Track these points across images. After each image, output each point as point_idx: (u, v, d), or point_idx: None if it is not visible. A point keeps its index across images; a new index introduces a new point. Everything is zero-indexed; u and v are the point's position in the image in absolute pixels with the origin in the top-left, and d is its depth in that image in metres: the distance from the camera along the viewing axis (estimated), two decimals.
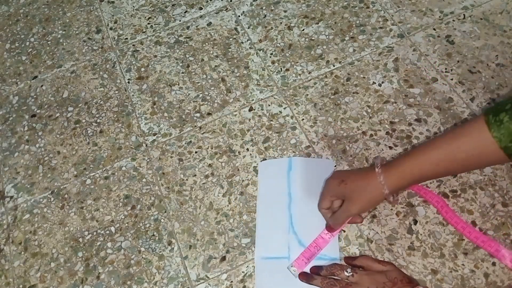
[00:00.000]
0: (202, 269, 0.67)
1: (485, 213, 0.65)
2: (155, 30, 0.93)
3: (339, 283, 0.58)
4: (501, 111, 0.52)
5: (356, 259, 0.61)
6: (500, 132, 0.52)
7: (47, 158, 0.81)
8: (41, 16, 1.01)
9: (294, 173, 0.71)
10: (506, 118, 0.51)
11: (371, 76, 0.80)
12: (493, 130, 0.52)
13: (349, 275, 0.57)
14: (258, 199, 0.70)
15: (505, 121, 0.51)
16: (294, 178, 0.71)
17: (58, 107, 0.86)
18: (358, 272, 0.58)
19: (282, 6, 0.92)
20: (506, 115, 0.52)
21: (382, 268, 0.58)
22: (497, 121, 0.52)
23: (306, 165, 0.72)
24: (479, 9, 0.85)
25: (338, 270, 0.59)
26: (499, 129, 0.52)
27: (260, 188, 0.71)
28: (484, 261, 0.62)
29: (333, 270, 0.59)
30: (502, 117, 0.52)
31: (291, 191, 0.70)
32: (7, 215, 0.76)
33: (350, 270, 0.58)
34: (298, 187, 0.70)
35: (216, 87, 0.84)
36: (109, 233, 0.72)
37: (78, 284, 0.68)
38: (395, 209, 0.67)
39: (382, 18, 0.87)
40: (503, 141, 0.52)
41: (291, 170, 0.71)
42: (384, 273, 0.57)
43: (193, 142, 0.78)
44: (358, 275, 0.57)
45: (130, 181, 0.76)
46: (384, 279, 0.56)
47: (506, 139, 0.52)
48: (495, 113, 0.53)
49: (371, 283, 0.56)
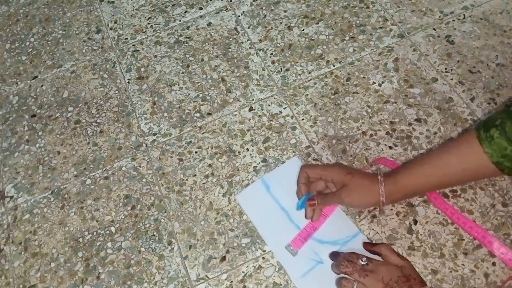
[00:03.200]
0: (202, 269, 0.67)
1: (485, 213, 0.65)
2: (155, 30, 0.93)
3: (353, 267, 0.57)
4: (492, 127, 0.54)
5: (376, 245, 0.60)
6: (492, 148, 0.53)
7: (47, 158, 0.81)
8: (41, 16, 1.01)
9: (274, 189, 0.70)
10: (497, 133, 0.53)
11: (371, 76, 0.80)
12: (485, 146, 0.54)
13: (364, 264, 0.57)
14: (258, 230, 0.68)
15: (496, 136, 0.53)
16: (277, 193, 0.70)
17: (58, 107, 0.86)
18: (373, 261, 0.57)
19: (282, 6, 0.92)
20: (496, 131, 0.53)
21: (399, 262, 0.57)
22: (488, 137, 0.54)
23: (279, 175, 0.71)
24: (479, 9, 0.85)
25: (354, 259, 0.58)
26: (490, 145, 0.54)
27: (253, 219, 0.69)
28: (484, 261, 0.62)
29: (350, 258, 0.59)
30: (492, 132, 0.53)
31: (283, 205, 0.69)
32: (7, 215, 0.76)
33: (365, 259, 0.57)
34: (286, 198, 0.69)
35: (216, 87, 0.84)
36: (109, 233, 0.72)
37: (78, 284, 0.68)
38: (395, 209, 0.67)
39: (382, 18, 0.87)
40: (494, 157, 0.54)
41: (270, 188, 0.70)
42: (400, 267, 0.56)
43: (193, 142, 0.78)
44: (373, 264, 0.57)
45: (130, 181, 0.76)
46: (399, 273, 0.55)
47: (497, 154, 0.53)
48: (486, 128, 0.54)
49: (385, 274, 0.55)
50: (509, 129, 0.52)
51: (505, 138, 0.52)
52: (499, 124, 0.53)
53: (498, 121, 0.53)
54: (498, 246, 0.61)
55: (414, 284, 0.53)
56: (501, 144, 0.53)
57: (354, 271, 0.56)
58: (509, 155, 0.53)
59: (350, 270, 0.56)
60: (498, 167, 0.54)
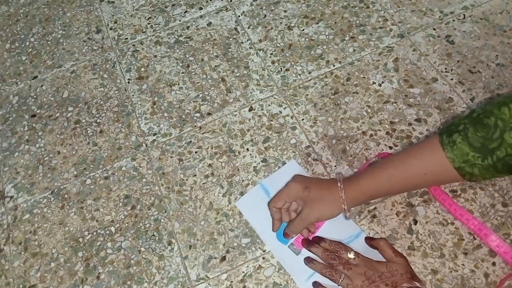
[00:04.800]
0: (202, 269, 0.67)
1: (485, 213, 0.65)
2: (155, 30, 0.93)
3: (339, 259, 0.59)
4: (454, 132, 0.54)
5: (375, 240, 0.62)
6: (454, 153, 0.54)
7: (47, 158, 0.81)
8: (41, 16, 1.01)
9: (273, 193, 0.70)
10: (459, 139, 0.53)
11: (371, 76, 0.80)
12: (447, 150, 0.54)
13: (351, 257, 0.58)
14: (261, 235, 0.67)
15: (458, 142, 0.53)
16: None
17: (58, 107, 0.86)
18: (360, 256, 0.59)
19: (282, 6, 0.92)
20: (459, 136, 0.53)
21: (391, 258, 0.58)
22: (450, 142, 0.54)
23: (278, 179, 0.71)
24: (479, 9, 0.85)
25: (342, 250, 0.60)
26: (452, 150, 0.54)
27: (254, 224, 0.68)
28: (484, 261, 0.62)
29: (337, 248, 0.60)
30: (455, 138, 0.53)
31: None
32: (7, 215, 0.76)
33: (353, 253, 0.59)
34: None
35: (216, 87, 0.84)
36: (109, 233, 0.72)
37: (78, 284, 0.68)
38: (395, 209, 0.67)
39: (382, 18, 0.87)
40: (456, 162, 0.54)
41: (269, 193, 0.70)
42: (386, 263, 0.57)
43: (193, 142, 0.78)
44: (359, 259, 0.58)
45: (130, 181, 0.76)
46: (384, 269, 0.56)
47: (459, 160, 0.53)
48: (449, 134, 0.54)
49: (369, 268, 0.57)
50: (472, 135, 0.52)
51: (467, 143, 0.52)
52: (462, 130, 0.53)
53: (461, 127, 0.54)
54: (494, 239, 0.61)
55: (400, 280, 0.55)
56: (463, 150, 0.53)
57: (339, 264, 0.58)
58: (471, 161, 0.53)
59: (336, 262, 0.58)
60: (460, 172, 0.54)
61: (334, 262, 0.59)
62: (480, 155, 0.52)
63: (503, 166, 0.52)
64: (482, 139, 0.52)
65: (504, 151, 0.51)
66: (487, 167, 0.52)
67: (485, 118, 0.52)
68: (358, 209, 0.68)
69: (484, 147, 0.52)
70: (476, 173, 0.54)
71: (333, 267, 0.59)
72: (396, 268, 0.56)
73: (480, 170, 0.53)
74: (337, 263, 0.58)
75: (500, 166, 0.52)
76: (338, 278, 0.57)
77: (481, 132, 0.52)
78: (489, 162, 0.52)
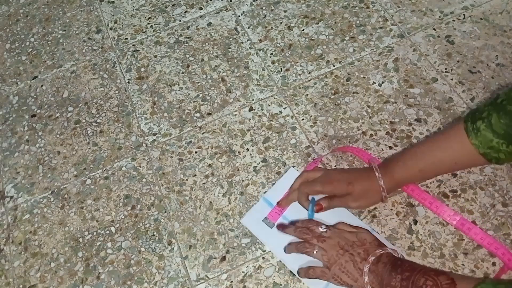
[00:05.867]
0: (202, 269, 0.67)
1: (485, 213, 0.65)
2: (155, 30, 0.93)
3: (312, 233, 0.61)
4: (478, 119, 0.55)
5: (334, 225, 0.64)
6: (478, 139, 0.55)
7: (47, 158, 0.81)
8: (41, 16, 1.01)
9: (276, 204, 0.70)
10: (483, 126, 0.55)
11: (371, 76, 0.80)
12: (472, 137, 0.56)
13: (323, 231, 0.61)
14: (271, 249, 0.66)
15: (482, 129, 0.55)
16: None
17: (58, 107, 0.86)
18: (331, 229, 0.61)
19: (282, 6, 0.92)
20: (482, 123, 0.55)
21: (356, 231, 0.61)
22: (475, 129, 0.56)
23: (279, 189, 0.70)
24: (479, 9, 0.85)
25: (313, 225, 0.62)
26: (477, 137, 0.55)
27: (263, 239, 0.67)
28: (484, 261, 0.62)
29: (309, 224, 0.63)
30: (479, 125, 0.55)
31: (288, 218, 0.68)
32: (7, 215, 0.76)
33: (324, 226, 0.62)
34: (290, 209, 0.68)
35: (216, 87, 0.84)
36: (109, 233, 0.72)
37: (78, 284, 0.68)
38: (395, 209, 0.67)
39: (382, 18, 0.87)
40: (481, 148, 0.56)
41: (273, 204, 0.69)
42: (355, 233, 0.60)
43: (193, 142, 0.78)
44: (331, 231, 0.61)
45: (130, 181, 0.76)
46: (354, 238, 0.59)
47: (484, 146, 0.55)
48: (473, 121, 0.56)
49: (341, 238, 0.59)
50: (495, 122, 0.54)
51: (491, 130, 0.54)
52: (485, 117, 0.55)
53: (485, 113, 0.55)
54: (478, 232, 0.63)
55: (370, 247, 0.58)
56: (487, 137, 0.54)
57: (313, 237, 0.60)
58: (495, 147, 0.54)
59: (310, 236, 0.61)
60: (486, 157, 0.56)
61: (308, 236, 0.61)
62: (504, 141, 0.54)
63: None
64: (505, 126, 0.53)
65: None
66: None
67: (509, 105, 0.53)
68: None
69: (507, 133, 0.53)
70: (502, 157, 0.55)
71: (307, 241, 0.61)
72: (364, 237, 0.59)
73: (506, 155, 0.55)
74: (310, 237, 0.61)
75: None
76: (312, 250, 0.60)
77: (504, 119, 0.53)
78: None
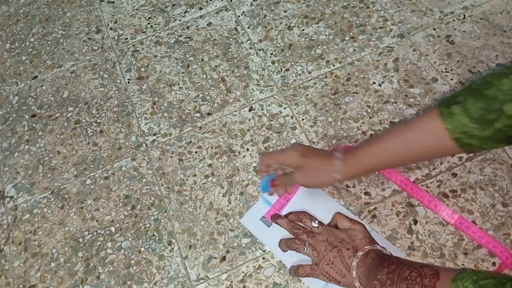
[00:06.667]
0: (202, 269, 0.67)
1: (485, 213, 0.65)
2: (155, 30, 0.93)
3: (304, 229, 0.62)
4: (454, 103, 0.54)
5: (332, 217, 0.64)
6: (452, 124, 0.53)
7: (47, 158, 0.81)
8: (41, 16, 1.01)
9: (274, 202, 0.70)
10: (458, 110, 0.53)
11: (371, 76, 0.80)
12: (445, 121, 0.54)
13: (314, 226, 0.62)
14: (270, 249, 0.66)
15: (457, 113, 0.53)
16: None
17: (58, 107, 0.86)
18: (323, 225, 0.62)
19: (282, 6, 0.92)
20: (458, 107, 0.53)
21: (350, 226, 0.61)
22: (449, 113, 0.54)
23: None
24: (479, 9, 0.85)
25: (306, 219, 0.63)
26: (451, 121, 0.53)
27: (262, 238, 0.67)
28: (484, 261, 0.62)
29: (301, 217, 0.63)
30: (453, 109, 0.53)
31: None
32: (7, 215, 0.76)
33: (317, 222, 0.62)
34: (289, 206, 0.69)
35: (216, 87, 0.84)
36: (109, 233, 0.72)
37: (78, 284, 0.68)
38: (395, 209, 0.67)
39: (382, 18, 0.87)
40: (454, 132, 0.53)
41: (271, 203, 0.69)
42: (346, 230, 0.60)
43: (193, 142, 0.78)
44: (322, 227, 0.62)
45: (130, 181, 0.76)
46: (344, 235, 0.59)
47: (457, 130, 0.53)
48: (448, 105, 0.54)
49: (330, 235, 0.60)
50: (471, 106, 0.52)
51: (466, 114, 0.52)
52: (461, 101, 0.53)
53: (460, 98, 0.53)
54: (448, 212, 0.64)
55: (360, 244, 0.58)
56: (461, 121, 0.53)
57: (303, 232, 0.61)
58: (469, 132, 0.53)
59: (301, 231, 0.61)
60: (457, 143, 0.54)
61: (299, 231, 0.62)
62: (479, 126, 0.52)
63: (501, 137, 0.52)
64: (481, 110, 0.51)
65: (503, 122, 0.51)
66: (485, 138, 0.52)
67: (484, 89, 0.52)
68: (358, 209, 0.68)
69: (482, 118, 0.51)
70: (475, 144, 0.54)
71: (298, 236, 0.61)
72: (355, 234, 0.59)
73: (478, 141, 0.53)
74: (301, 232, 0.62)
75: (499, 137, 0.52)
76: (303, 247, 0.60)
77: (480, 103, 0.52)
78: (487, 133, 0.52)
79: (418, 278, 0.49)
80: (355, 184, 0.70)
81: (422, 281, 0.48)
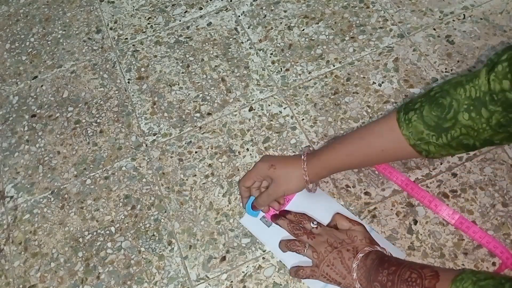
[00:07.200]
0: (202, 269, 0.67)
1: (485, 213, 0.65)
2: (155, 30, 0.93)
3: (303, 229, 0.62)
4: (411, 110, 0.55)
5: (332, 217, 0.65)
6: (409, 130, 0.55)
7: (47, 158, 0.81)
8: (41, 16, 1.01)
9: None
10: (415, 117, 0.54)
11: (371, 76, 0.80)
12: (403, 128, 0.55)
13: (313, 227, 0.62)
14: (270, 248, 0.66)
15: (413, 120, 0.54)
16: None
17: (58, 107, 0.86)
18: (322, 226, 0.63)
19: (282, 6, 0.92)
20: (414, 114, 0.54)
21: (350, 226, 0.61)
22: (406, 120, 0.55)
23: None
24: (479, 9, 0.85)
25: (305, 220, 0.64)
26: (408, 128, 0.55)
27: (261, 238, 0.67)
28: (484, 261, 0.62)
29: (301, 219, 0.64)
30: (411, 116, 0.55)
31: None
32: (7, 215, 0.76)
33: (316, 223, 0.63)
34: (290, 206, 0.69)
35: (216, 87, 0.84)
36: (109, 233, 0.72)
37: (78, 284, 0.68)
38: (395, 209, 0.67)
39: (382, 18, 0.87)
40: (411, 139, 0.55)
41: None
42: (346, 231, 0.60)
43: (193, 142, 0.78)
44: (321, 228, 0.62)
45: (130, 181, 0.76)
46: (344, 236, 0.60)
47: (414, 137, 0.55)
48: (405, 111, 0.56)
49: (330, 236, 0.60)
50: (427, 113, 0.53)
51: (422, 122, 0.53)
52: (417, 108, 0.54)
53: (417, 105, 0.55)
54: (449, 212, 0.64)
55: (360, 245, 0.58)
56: (418, 128, 0.54)
57: (303, 233, 0.61)
58: (425, 139, 0.54)
59: (301, 232, 0.62)
60: (415, 149, 0.55)
61: (299, 232, 0.62)
62: (435, 134, 0.53)
63: (458, 144, 0.53)
64: (436, 118, 0.52)
65: (458, 130, 0.52)
66: (442, 145, 0.54)
67: (441, 97, 0.53)
68: (358, 209, 0.68)
69: (438, 126, 0.53)
70: (432, 150, 0.55)
71: (298, 237, 0.62)
72: (355, 234, 0.59)
73: (436, 148, 0.54)
74: (301, 233, 0.62)
75: (455, 144, 0.53)
76: (303, 249, 0.60)
77: (436, 112, 0.53)
78: (443, 140, 0.53)
79: (418, 279, 0.49)
80: (355, 184, 0.70)
81: (422, 283, 0.48)
